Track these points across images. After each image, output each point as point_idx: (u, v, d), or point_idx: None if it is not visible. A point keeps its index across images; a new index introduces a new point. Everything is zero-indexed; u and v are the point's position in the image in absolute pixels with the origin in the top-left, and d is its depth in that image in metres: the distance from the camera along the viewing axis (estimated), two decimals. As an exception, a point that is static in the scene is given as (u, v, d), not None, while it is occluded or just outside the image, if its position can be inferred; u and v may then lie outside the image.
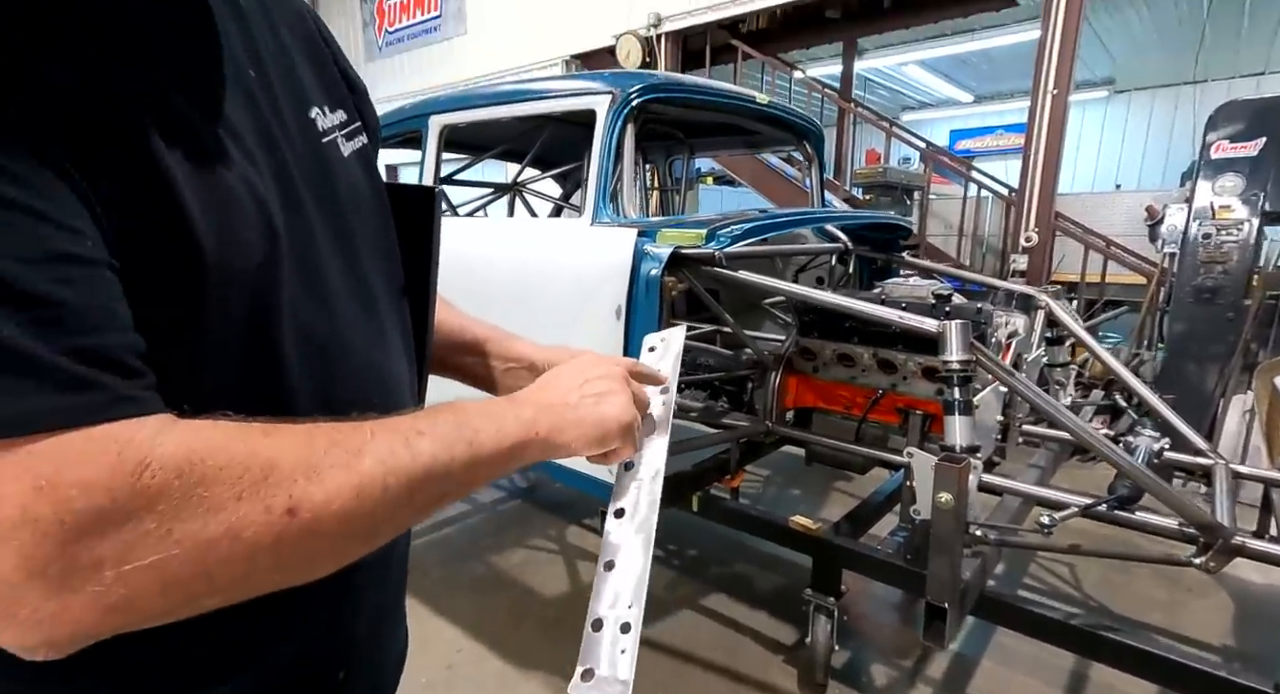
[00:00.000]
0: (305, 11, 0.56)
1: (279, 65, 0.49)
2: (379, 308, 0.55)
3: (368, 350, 0.52)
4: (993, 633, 1.96)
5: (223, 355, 0.41)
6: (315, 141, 0.50)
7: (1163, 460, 1.66)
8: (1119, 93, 9.81)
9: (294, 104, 0.49)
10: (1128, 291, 4.70)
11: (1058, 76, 4.03)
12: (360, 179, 0.56)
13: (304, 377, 0.46)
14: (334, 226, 0.50)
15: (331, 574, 0.41)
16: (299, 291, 0.45)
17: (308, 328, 0.46)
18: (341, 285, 0.50)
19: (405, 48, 8.35)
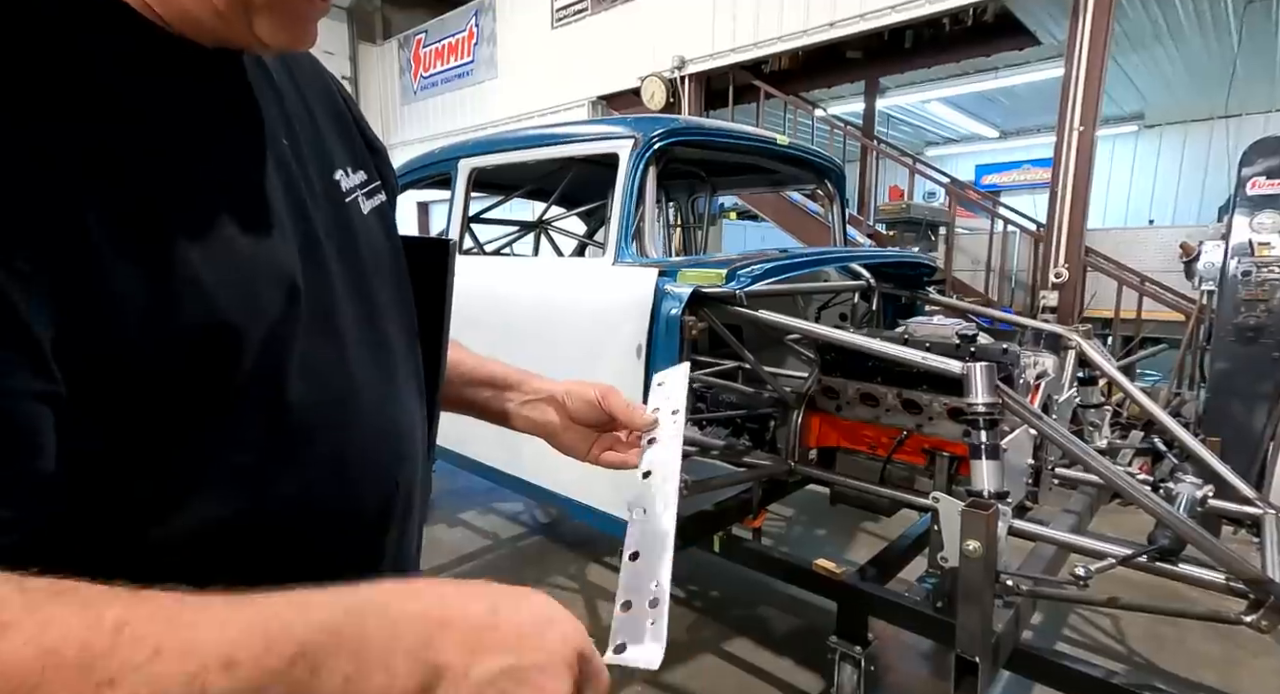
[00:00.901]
0: (327, 76, 0.60)
1: (307, 130, 0.52)
2: (395, 361, 0.57)
3: (382, 405, 0.54)
4: (1031, 689, 1.86)
5: (234, 408, 0.42)
6: (339, 202, 0.53)
7: (1207, 508, 1.59)
8: (1149, 128, 9.70)
9: (320, 167, 0.52)
10: (1165, 328, 4.56)
11: (1084, 114, 4.03)
12: (379, 235, 0.58)
13: (313, 429, 0.47)
14: (355, 283, 0.53)
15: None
16: (316, 348, 0.47)
17: (321, 383, 0.47)
18: (360, 339, 0.52)
19: (439, 91, 8.72)
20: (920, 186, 7.03)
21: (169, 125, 0.41)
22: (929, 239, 5.57)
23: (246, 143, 0.45)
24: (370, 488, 0.52)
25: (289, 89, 0.52)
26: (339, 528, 0.50)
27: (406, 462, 0.57)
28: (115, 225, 0.36)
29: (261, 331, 0.42)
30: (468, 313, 2.08)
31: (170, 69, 0.41)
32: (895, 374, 1.74)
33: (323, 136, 0.55)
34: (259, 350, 0.42)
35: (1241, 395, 2.92)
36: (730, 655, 2.07)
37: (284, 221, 0.46)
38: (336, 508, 0.49)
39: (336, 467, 0.49)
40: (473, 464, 2.17)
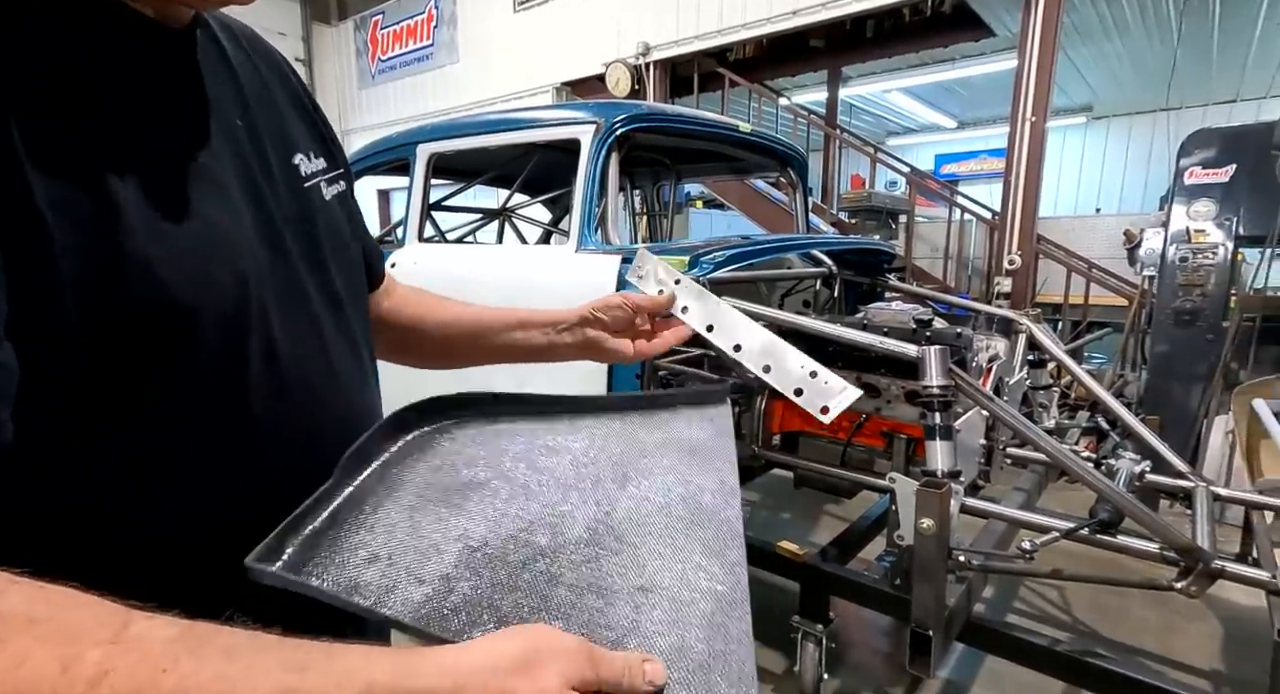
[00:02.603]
0: (286, 66, 0.60)
1: (266, 114, 0.52)
2: (360, 348, 0.58)
3: (350, 391, 0.54)
4: (984, 658, 1.95)
5: (191, 390, 0.42)
6: (298, 186, 0.53)
7: (1145, 483, 1.67)
8: (1097, 119, 10.06)
9: (280, 151, 0.52)
10: (1110, 313, 4.77)
11: (1035, 104, 4.14)
12: (341, 221, 0.59)
13: (277, 411, 0.47)
14: (317, 268, 0.53)
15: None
16: (281, 333, 0.47)
17: (285, 364, 0.47)
18: (327, 325, 0.52)
19: (398, 75, 8.48)
20: (882, 175, 7.16)
21: (109, 93, 0.39)
22: (890, 227, 5.69)
23: (191, 118, 0.44)
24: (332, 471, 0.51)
25: (248, 72, 0.52)
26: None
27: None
28: (54, 193, 0.34)
29: (215, 313, 0.41)
30: (428, 302, 2.05)
31: (111, 35, 0.40)
32: (855, 359, 1.78)
33: (284, 121, 0.54)
34: (215, 332, 0.41)
35: (1179, 376, 3.07)
36: (697, 638, 2.10)
37: (236, 201, 0.45)
38: (301, 490, 0.48)
39: (303, 453, 0.48)
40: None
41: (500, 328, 0.77)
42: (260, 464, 0.46)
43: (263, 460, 0.46)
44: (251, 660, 0.29)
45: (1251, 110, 8.17)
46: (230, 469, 0.45)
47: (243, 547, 0.43)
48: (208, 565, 0.42)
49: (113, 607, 0.29)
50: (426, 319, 0.75)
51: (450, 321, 0.76)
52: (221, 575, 0.42)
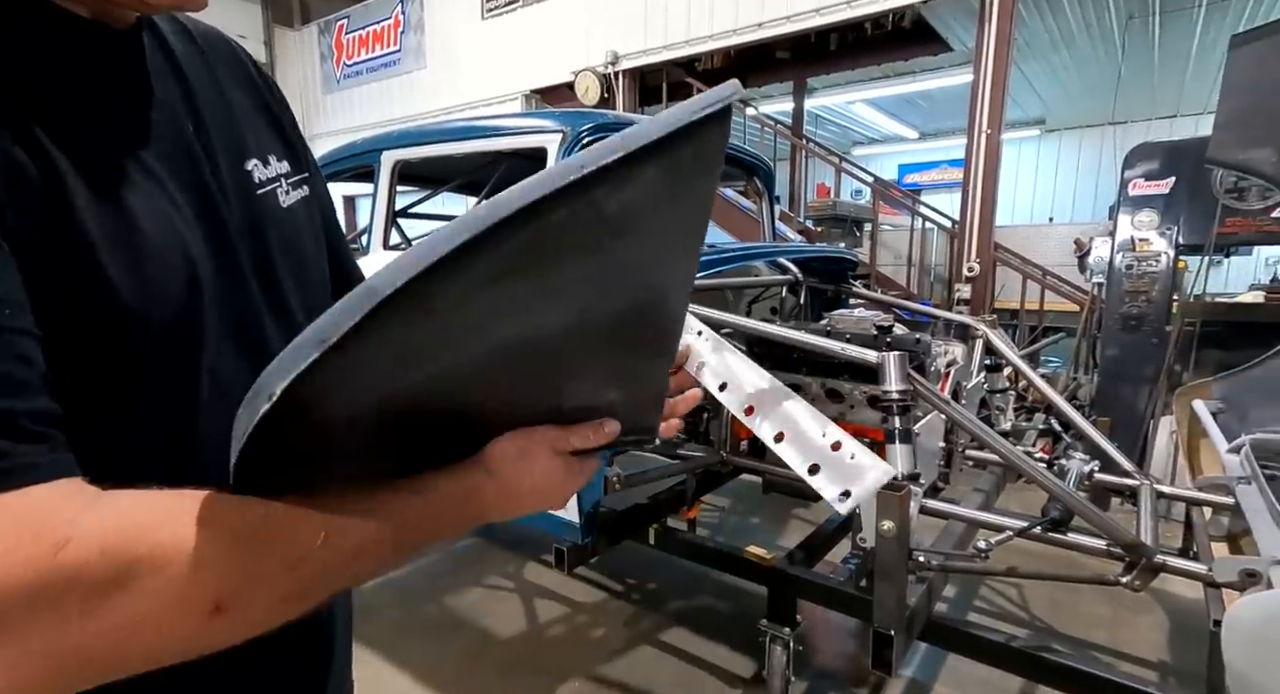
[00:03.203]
0: (250, 64, 0.57)
1: (218, 119, 0.50)
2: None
3: None
4: (945, 658, 1.99)
5: (136, 403, 0.41)
6: (249, 193, 0.52)
7: (1094, 482, 1.74)
8: (1050, 132, 10.47)
9: (231, 157, 0.51)
10: (1064, 318, 4.95)
11: (990, 117, 4.29)
12: (301, 230, 0.57)
13: (223, 430, 0.46)
14: (267, 278, 0.51)
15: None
16: (225, 340, 0.46)
17: (231, 376, 0.46)
18: (273, 333, 0.51)
19: (364, 80, 8.37)
20: (847, 184, 7.33)
21: (47, 95, 0.38)
22: (855, 235, 5.81)
23: (138, 123, 0.43)
24: None
25: (202, 75, 0.50)
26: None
27: None
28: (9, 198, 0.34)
29: (164, 324, 0.40)
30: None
31: (41, 35, 0.39)
32: (819, 364, 1.82)
33: (238, 126, 0.53)
34: (164, 344, 0.41)
35: (1128, 379, 3.21)
36: (667, 645, 2.10)
37: (183, 207, 0.44)
38: None
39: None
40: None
41: None
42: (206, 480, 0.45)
43: (208, 473, 0.45)
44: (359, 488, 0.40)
45: (1191, 125, 8.60)
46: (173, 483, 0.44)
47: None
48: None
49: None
50: None
51: None
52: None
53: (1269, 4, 5.49)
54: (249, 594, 0.35)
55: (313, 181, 0.60)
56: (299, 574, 0.36)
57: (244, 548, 0.35)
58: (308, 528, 0.37)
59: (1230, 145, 1.89)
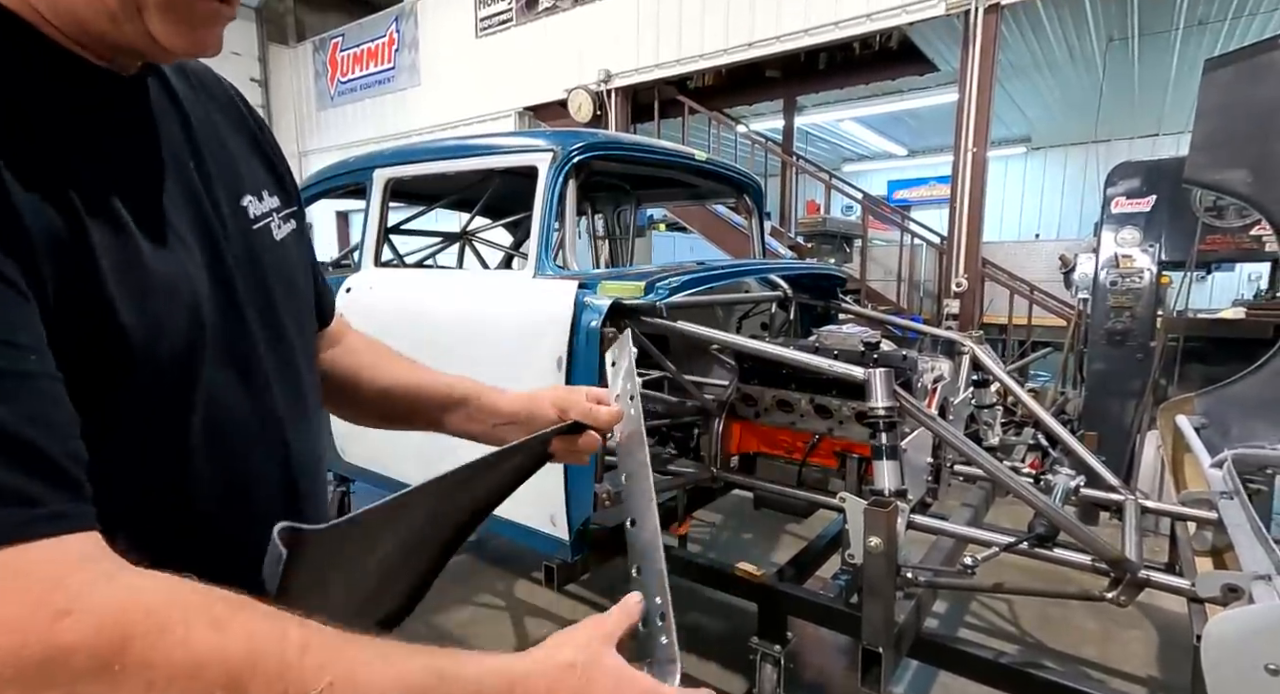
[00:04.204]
0: (239, 101, 0.59)
1: (216, 157, 0.52)
2: (305, 390, 0.57)
3: (291, 427, 0.54)
4: (937, 675, 1.99)
5: (137, 431, 0.41)
6: (246, 228, 0.53)
7: (1080, 497, 1.76)
8: (1035, 149, 10.65)
9: (228, 194, 0.52)
10: (1051, 333, 5.00)
11: (976, 135, 4.38)
12: (293, 263, 0.58)
13: (215, 454, 0.46)
14: (265, 311, 0.53)
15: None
16: (225, 369, 0.46)
17: (229, 402, 0.47)
18: (274, 374, 0.52)
19: (358, 97, 8.42)
20: (838, 201, 7.41)
21: (61, 138, 0.39)
22: (844, 251, 5.87)
23: (144, 163, 0.44)
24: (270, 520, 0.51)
25: (200, 113, 0.52)
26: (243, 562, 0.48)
27: (312, 498, 0.56)
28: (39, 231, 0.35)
29: (168, 356, 0.41)
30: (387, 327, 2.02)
31: (62, 80, 0.40)
32: (808, 381, 1.83)
33: (235, 163, 0.54)
34: (166, 375, 0.41)
35: (1114, 393, 3.24)
36: (659, 663, 2.09)
37: (190, 245, 0.45)
38: (243, 542, 0.48)
39: (244, 497, 0.48)
40: (393, 484, 2.10)
41: (441, 404, 0.72)
42: (191, 510, 0.45)
43: (194, 503, 0.45)
44: (401, 647, 0.38)
45: (1173, 143, 8.78)
46: (160, 515, 0.44)
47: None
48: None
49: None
50: (363, 375, 0.70)
51: (389, 386, 0.71)
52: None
53: (1243, 28, 5.64)
54: None
55: (300, 214, 0.61)
56: None
57: (244, 678, 0.32)
58: (312, 662, 0.33)
59: (1206, 166, 1.94)
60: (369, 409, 0.72)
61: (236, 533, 0.48)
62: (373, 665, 0.35)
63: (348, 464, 2.24)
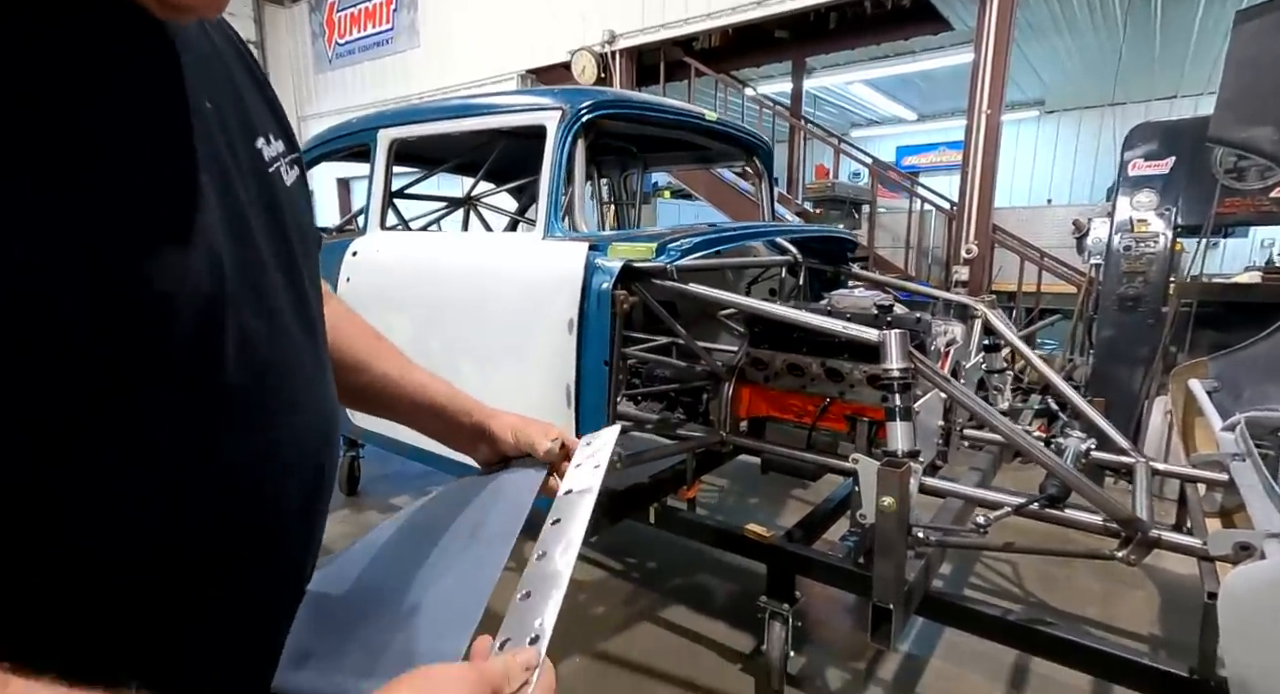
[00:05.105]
0: (240, 42, 0.57)
1: (228, 96, 0.50)
2: (319, 341, 0.56)
3: (313, 386, 0.54)
4: (941, 633, 2.03)
5: (167, 380, 0.40)
6: (263, 171, 0.51)
7: (1090, 460, 1.76)
8: (1049, 113, 10.40)
9: (243, 134, 0.50)
10: (1061, 300, 4.96)
11: (990, 97, 4.26)
12: (304, 208, 0.57)
13: (246, 402, 0.46)
14: (283, 258, 0.51)
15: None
16: (251, 325, 0.45)
17: (255, 352, 0.46)
18: (292, 320, 0.51)
19: (357, 60, 8.24)
20: (846, 168, 7.28)
21: (80, 73, 0.37)
22: (853, 217, 5.79)
23: (168, 101, 0.42)
24: (298, 473, 0.51)
25: (210, 51, 0.49)
26: (266, 515, 0.48)
27: (331, 447, 0.56)
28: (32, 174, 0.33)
29: (190, 301, 0.40)
30: (394, 291, 2.01)
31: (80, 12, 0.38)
32: (819, 344, 1.82)
33: (244, 103, 0.52)
34: (190, 322, 0.40)
35: (1123, 360, 3.23)
36: (667, 622, 2.13)
37: (206, 189, 0.43)
38: (266, 493, 0.48)
39: (270, 448, 0.48)
40: (404, 447, 2.12)
41: (418, 407, 0.72)
42: (225, 458, 0.45)
43: (227, 453, 0.45)
44: None
45: (1190, 106, 8.56)
46: (200, 461, 0.43)
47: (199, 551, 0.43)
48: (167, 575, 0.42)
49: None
50: (340, 342, 0.68)
51: (360, 367, 0.69)
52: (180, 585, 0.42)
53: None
54: None
55: (302, 162, 0.60)
56: None
57: None
58: None
59: (1232, 123, 1.88)
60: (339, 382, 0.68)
61: (270, 486, 0.48)
62: None
63: (356, 427, 2.26)
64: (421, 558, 0.59)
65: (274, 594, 0.52)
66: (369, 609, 0.56)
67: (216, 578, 0.45)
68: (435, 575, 0.57)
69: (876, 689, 1.82)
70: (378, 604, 0.57)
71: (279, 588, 0.52)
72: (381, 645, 0.51)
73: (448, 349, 1.78)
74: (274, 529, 0.49)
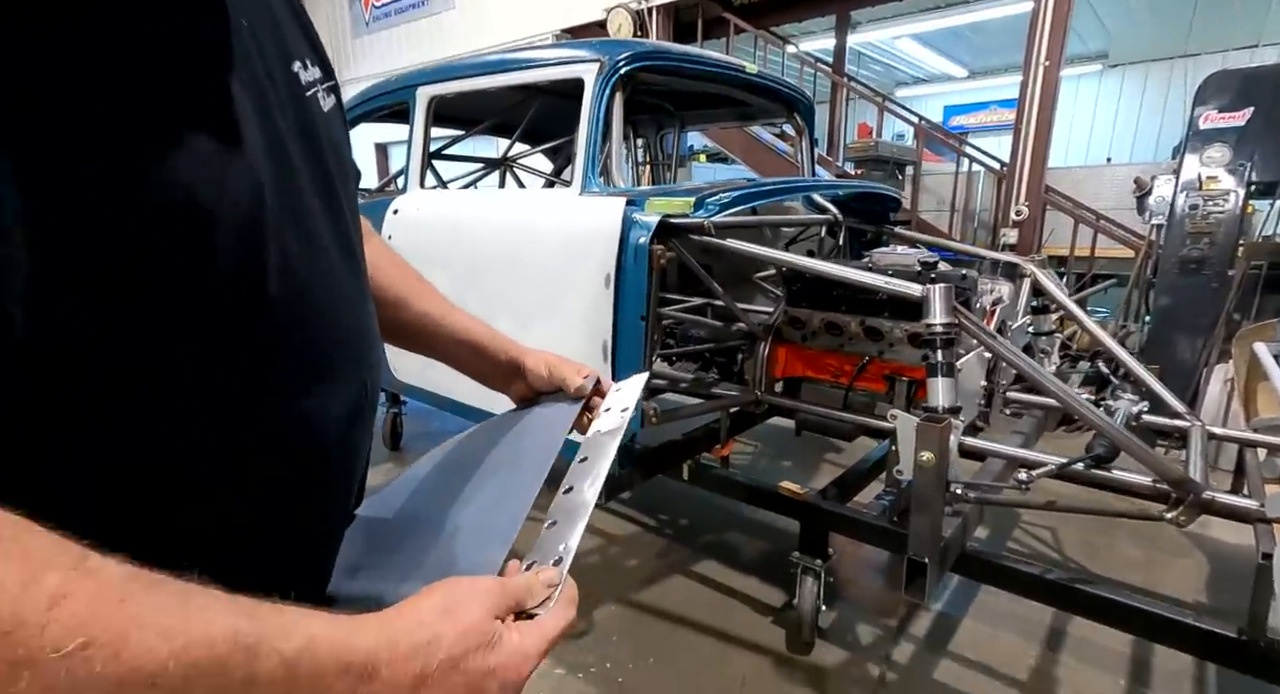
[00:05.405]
0: None
1: (264, 17, 0.50)
2: (358, 262, 0.57)
3: (354, 304, 0.55)
4: (975, 593, 2.02)
5: (212, 299, 0.42)
6: (300, 95, 0.51)
7: (1141, 423, 1.70)
8: (1113, 67, 9.75)
9: (279, 57, 0.50)
10: (1116, 265, 4.73)
11: (1049, 49, 4.02)
12: (340, 132, 0.58)
13: (290, 321, 0.47)
14: (318, 177, 0.51)
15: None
16: (291, 246, 0.46)
17: (296, 274, 0.47)
18: (330, 239, 0.52)
19: (393, 23, 8.21)
20: (890, 128, 6.98)
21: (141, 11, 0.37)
22: (896, 178, 5.59)
23: (208, 18, 0.43)
24: (343, 387, 0.52)
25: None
26: (315, 428, 0.50)
27: (372, 368, 0.58)
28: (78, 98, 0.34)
29: (232, 220, 0.41)
30: (434, 248, 2.04)
31: None
32: (858, 302, 1.79)
33: (280, 27, 0.52)
34: (233, 240, 0.41)
35: (1182, 327, 3.08)
36: (699, 576, 2.18)
37: (245, 109, 0.44)
38: (315, 407, 0.49)
39: (317, 361, 0.49)
40: (443, 401, 2.18)
41: (451, 342, 0.74)
42: (274, 377, 0.46)
43: (277, 372, 0.46)
44: (204, 602, 0.31)
45: (1274, 54, 7.90)
46: (249, 376, 0.45)
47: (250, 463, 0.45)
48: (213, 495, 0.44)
49: (69, 541, 0.29)
50: (380, 278, 0.70)
51: (401, 304, 0.71)
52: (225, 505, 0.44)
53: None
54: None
55: (337, 89, 0.59)
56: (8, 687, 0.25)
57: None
58: (63, 617, 0.26)
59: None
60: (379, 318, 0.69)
61: (314, 402, 0.50)
62: (154, 625, 0.28)
63: (399, 381, 2.33)
64: (461, 484, 0.62)
65: (321, 511, 0.54)
66: (412, 529, 0.60)
67: (267, 492, 0.47)
68: (473, 499, 0.59)
69: (908, 646, 1.83)
70: (420, 524, 0.60)
71: (327, 506, 0.54)
72: (422, 558, 0.55)
73: (486, 304, 1.80)
74: (319, 446, 0.51)
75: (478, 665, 0.38)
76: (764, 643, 1.84)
